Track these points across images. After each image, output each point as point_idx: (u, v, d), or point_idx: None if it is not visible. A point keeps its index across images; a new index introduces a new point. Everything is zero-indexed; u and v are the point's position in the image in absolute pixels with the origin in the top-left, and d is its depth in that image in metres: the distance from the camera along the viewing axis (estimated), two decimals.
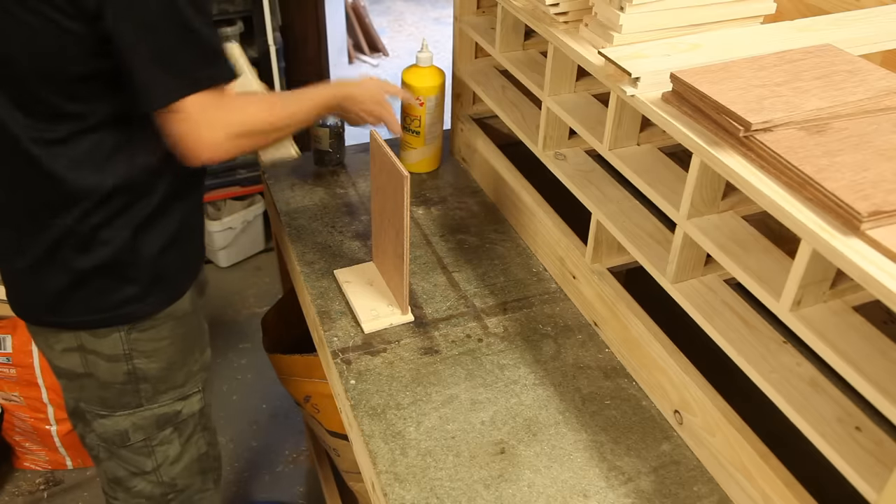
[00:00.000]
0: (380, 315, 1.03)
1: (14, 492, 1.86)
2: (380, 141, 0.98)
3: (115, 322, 1.00)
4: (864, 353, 0.65)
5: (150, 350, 1.04)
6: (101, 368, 1.03)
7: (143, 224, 0.96)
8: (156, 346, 1.04)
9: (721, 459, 0.81)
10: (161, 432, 1.10)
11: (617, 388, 0.94)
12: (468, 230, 1.23)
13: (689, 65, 0.80)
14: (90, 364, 1.03)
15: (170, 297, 1.04)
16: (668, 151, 0.94)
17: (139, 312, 1.01)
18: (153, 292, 1.01)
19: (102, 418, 1.08)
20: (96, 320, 0.99)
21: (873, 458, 0.64)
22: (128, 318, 1.00)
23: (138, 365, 1.04)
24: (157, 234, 0.99)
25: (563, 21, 0.97)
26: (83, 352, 1.02)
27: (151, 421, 1.09)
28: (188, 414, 1.12)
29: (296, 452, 1.97)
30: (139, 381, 1.05)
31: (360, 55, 4.27)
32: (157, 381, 1.06)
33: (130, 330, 1.01)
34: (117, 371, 1.03)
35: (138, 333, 1.02)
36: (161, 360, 1.06)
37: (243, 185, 2.49)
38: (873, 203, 0.60)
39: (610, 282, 0.98)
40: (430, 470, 0.83)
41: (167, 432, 1.11)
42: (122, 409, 1.07)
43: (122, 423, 1.08)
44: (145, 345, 1.03)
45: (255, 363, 2.20)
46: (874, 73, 0.76)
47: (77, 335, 1.01)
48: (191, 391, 1.12)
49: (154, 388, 1.07)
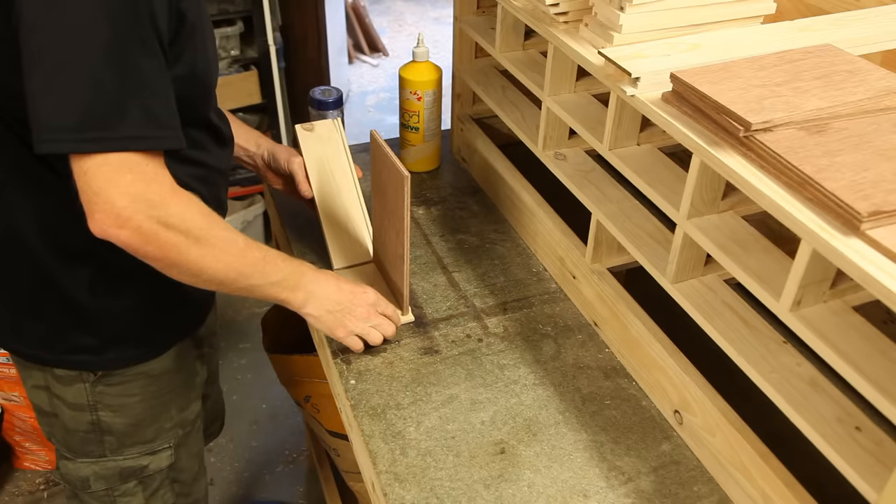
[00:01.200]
0: None
1: (14, 492, 1.86)
2: (380, 141, 0.98)
3: (72, 366, 0.94)
4: (864, 353, 0.65)
5: (117, 405, 0.98)
6: (65, 414, 0.98)
7: (94, 280, 0.88)
8: (123, 401, 0.98)
9: (721, 459, 0.81)
10: (124, 484, 1.04)
11: (617, 388, 0.94)
12: (468, 230, 1.23)
13: (689, 65, 0.80)
14: (55, 406, 0.98)
15: (140, 356, 0.96)
16: (668, 151, 0.94)
17: (95, 365, 0.94)
18: (112, 349, 0.94)
19: (66, 460, 1.03)
20: (52, 360, 0.94)
21: (873, 458, 0.64)
22: (84, 365, 0.94)
23: (103, 417, 0.98)
24: (115, 294, 0.90)
25: (563, 21, 0.97)
26: (49, 393, 0.97)
27: (115, 472, 1.03)
28: (155, 469, 1.05)
29: (296, 452, 1.97)
30: (103, 432, 0.99)
31: (360, 55, 4.27)
32: (122, 435, 1.00)
33: (96, 382, 0.95)
34: (81, 420, 0.98)
35: (104, 387, 0.96)
36: (128, 417, 0.99)
37: (243, 185, 2.49)
38: (873, 203, 0.60)
39: (610, 282, 0.98)
40: (430, 470, 0.83)
41: (131, 485, 1.05)
42: (84, 457, 1.01)
43: (84, 470, 1.02)
44: (112, 399, 0.97)
45: (255, 363, 2.20)
46: (874, 73, 0.76)
47: (44, 376, 0.96)
48: (160, 447, 1.05)
49: (119, 441, 1.01)
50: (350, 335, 0.94)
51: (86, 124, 0.68)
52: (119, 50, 0.68)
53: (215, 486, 1.86)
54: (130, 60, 0.69)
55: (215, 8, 2.22)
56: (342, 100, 1.32)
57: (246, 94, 2.44)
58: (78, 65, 0.67)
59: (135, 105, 0.70)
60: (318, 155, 1.13)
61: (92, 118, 0.68)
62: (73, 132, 0.68)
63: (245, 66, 2.40)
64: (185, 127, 0.87)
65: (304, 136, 1.13)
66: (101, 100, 0.68)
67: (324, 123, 1.16)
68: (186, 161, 0.89)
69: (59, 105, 0.67)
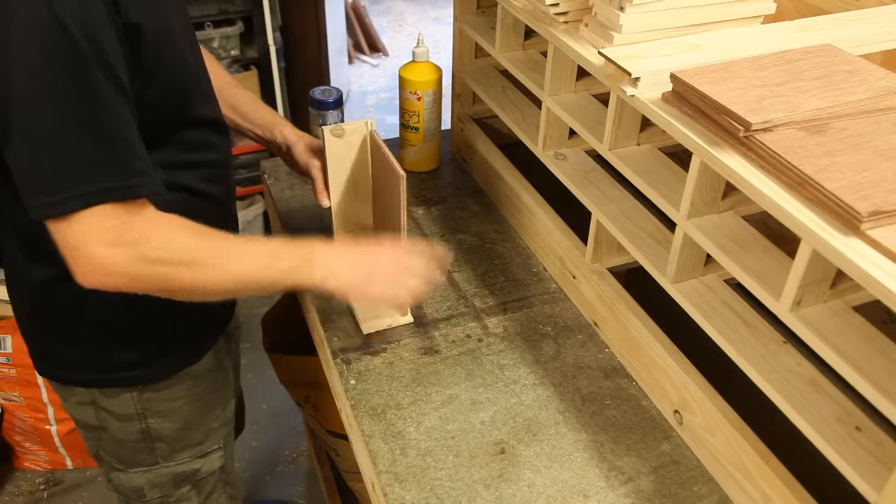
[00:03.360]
0: (380, 315, 1.03)
1: (14, 492, 1.86)
2: (378, 140, 0.97)
3: (120, 384, 0.94)
4: (864, 353, 0.65)
5: (165, 410, 0.98)
6: (113, 426, 0.98)
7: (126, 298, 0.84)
8: (171, 405, 0.98)
9: (721, 459, 0.81)
10: (178, 490, 1.05)
11: (617, 388, 0.94)
12: (468, 230, 1.23)
13: (689, 65, 0.80)
14: (103, 419, 0.98)
15: (183, 362, 0.97)
16: (668, 151, 0.94)
17: (143, 378, 0.94)
18: (157, 359, 0.94)
19: (118, 472, 1.03)
20: (99, 380, 0.94)
21: (873, 458, 0.64)
22: (133, 381, 0.94)
23: (152, 425, 0.98)
24: (148, 307, 0.88)
25: (563, 21, 0.97)
26: (96, 407, 0.97)
27: (168, 479, 1.03)
28: (207, 472, 1.07)
29: (296, 452, 1.97)
30: (154, 440, 1.00)
31: (360, 55, 4.27)
32: (173, 440, 1.01)
33: (143, 390, 0.95)
34: (130, 429, 0.98)
35: (151, 393, 0.96)
36: (177, 421, 1.00)
37: (243, 185, 2.49)
38: (873, 203, 0.60)
39: (610, 282, 0.98)
40: (430, 470, 0.83)
41: (185, 490, 1.05)
42: (136, 466, 1.02)
43: (138, 480, 1.03)
44: (160, 405, 0.97)
45: (255, 363, 2.20)
46: (874, 73, 0.76)
47: (89, 390, 0.96)
48: (210, 448, 1.06)
49: (170, 446, 1.01)
50: (385, 295, 0.87)
51: (56, 187, 0.68)
52: (76, 108, 0.67)
53: None
54: (90, 115, 0.68)
55: (215, 8, 2.22)
56: (342, 100, 1.32)
57: None
58: (38, 130, 0.67)
59: (104, 158, 0.70)
60: (344, 163, 1.01)
61: (60, 180, 0.68)
62: (47, 195, 0.68)
63: (245, 66, 2.40)
64: (183, 130, 0.86)
65: (332, 141, 0.99)
66: (67, 160, 0.68)
67: (355, 128, 1.00)
68: (192, 166, 0.89)
69: (29, 171, 0.68)
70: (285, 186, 1.33)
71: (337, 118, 1.31)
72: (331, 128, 0.98)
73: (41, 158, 0.68)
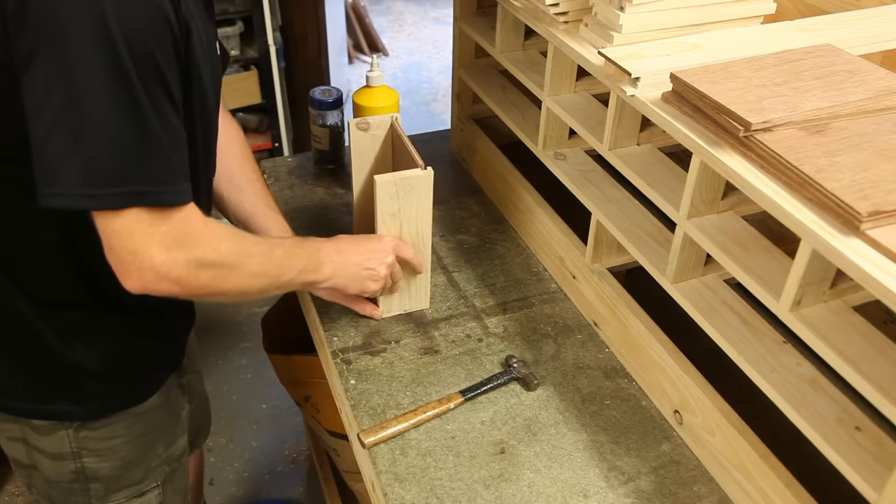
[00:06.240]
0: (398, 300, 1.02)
1: (14, 492, 1.86)
2: (401, 133, 0.95)
3: (53, 416, 0.89)
4: (864, 353, 0.65)
5: (103, 449, 0.93)
6: (45, 465, 0.92)
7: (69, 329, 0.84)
8: (109, 444, 0.93)
9: (721, 459, 0.81)
10: None
11: (617, 388, 0.94)
12: (468, 230, 1.23)
13: (689, 65, 0.80)
14: (34, 459, 0.93)
15: (123, 402, 0.92)
16: (668, 151, 0.94)
17: (76, 416, 0.89)
18: (94, 397, 0.89)
19: None
20: (30, 410, 0.89)
21: (873, 458, 0.64)
22: (66, 416, 0.89)
23: (88, 464, 0.92)
24: (90, 342, 0.86)
25: (563, 21, 0.97)
26: (27, 445, 0.92)
27: None
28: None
29: (296, 452, 1.97)
30: (89, 480, 0.94)
31: (360, 55, 4.27)
32: (109, 480, 0.95)
33: (80, 428, 0.90)
34: (63, 469, 0.92)
35: (88, 431, 0.91)
36: (114, 460, 0.94)
37: None
38: (873, 203, 0.60)
39: (610, 282, 0.98)
40: (430, 470, 0.83)
41: None
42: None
43: None
44: (96, 443, 0.92)
45: (255, 363, 2.20)
46: (874, 73, 0.76)
47: (21, 427, 0.91)
48: (148, 487, 1.00)
49: (106, 487, 0.96)
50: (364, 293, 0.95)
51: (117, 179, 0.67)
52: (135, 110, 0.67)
53: (215, 486, 1.86)
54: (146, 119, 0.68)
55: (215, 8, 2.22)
56: (342, 100, 1.31)
57: (246, 93, 2.44)
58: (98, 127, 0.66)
59: (159, 160, 0.69)
60: (368, 156, 1.01)
61: (121, 175, 0.67)
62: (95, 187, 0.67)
63: (245, 66, 2.40)
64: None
65: (357, 135, 0.98)
66: (126, 158, 0.67)
67: (380, 121, 1.00)
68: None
69: (88, 165, 0.66)
70: (285, 186, 1.33)
71: (337, 118, 1.32)
72: (356, 121, 0.98)
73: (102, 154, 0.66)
